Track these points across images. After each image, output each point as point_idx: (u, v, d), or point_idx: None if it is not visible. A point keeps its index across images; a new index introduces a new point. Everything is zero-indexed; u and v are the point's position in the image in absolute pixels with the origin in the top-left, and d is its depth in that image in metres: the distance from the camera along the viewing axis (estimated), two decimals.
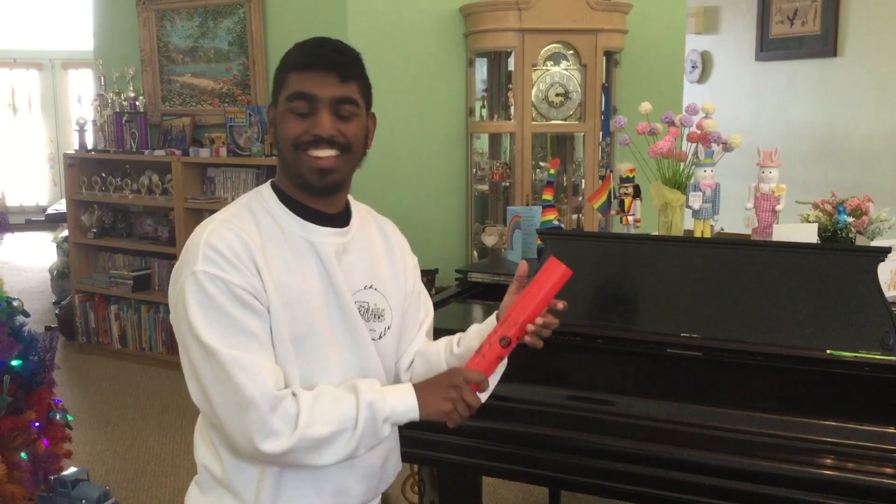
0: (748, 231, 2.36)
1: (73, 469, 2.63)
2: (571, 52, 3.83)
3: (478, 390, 1.35)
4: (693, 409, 1.77)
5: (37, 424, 2.57)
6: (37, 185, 10.52)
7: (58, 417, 2.65)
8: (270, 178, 1.51)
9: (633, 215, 2.36)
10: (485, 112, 4.12)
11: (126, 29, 4.91)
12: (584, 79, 3.82)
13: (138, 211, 5.08)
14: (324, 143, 1.36)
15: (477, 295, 2.47)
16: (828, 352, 1.74)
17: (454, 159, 4.14)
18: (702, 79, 6.22)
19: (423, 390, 1.36)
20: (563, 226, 2.72)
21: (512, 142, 3.89)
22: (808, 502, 1.63)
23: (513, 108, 3.84)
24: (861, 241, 2.35)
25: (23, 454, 2.51)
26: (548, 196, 2.59)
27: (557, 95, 3.82)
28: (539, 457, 1.84)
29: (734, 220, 2.64)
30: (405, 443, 1.63)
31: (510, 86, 3.87)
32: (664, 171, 2.41)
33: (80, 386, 4.55)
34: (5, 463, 2.44)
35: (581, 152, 3.98)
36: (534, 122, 3.82)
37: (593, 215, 3.70)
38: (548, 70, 3.82)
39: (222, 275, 1.30)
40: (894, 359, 1.70)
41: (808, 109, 5.35)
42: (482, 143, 4.14)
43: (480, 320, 1.54)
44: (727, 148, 2.31)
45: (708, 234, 2.29)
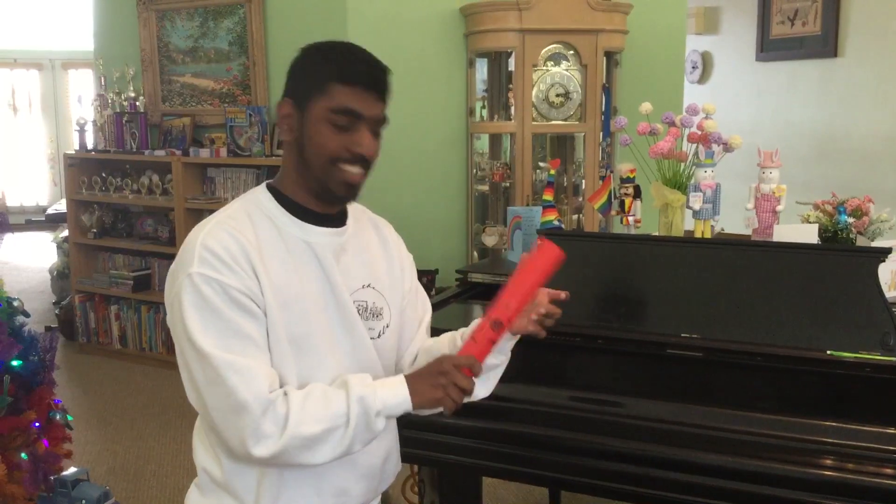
0: (748, 232, 2.36)
1: (73, 469, 2.63)
2: (572, 52, 3.83)
3: (471, 375, 1.33)
4: (693, 409, 1.77)
5: (37, 424, 2.57)
6: (37, 185, 10.52)
7: (58, 418, 2.65)
8: (271, 178, 1.51)
9: (633, 216, 2.36)
10: (485, 112, 4.12)
11: (126, 29, 4.91)
12: (585, 79, 3.82)
13: (138, 211, 5.08)
14: (360, 161, 1.37)
15: (477, 295, 2.47)
16: (828, 352, 1.74)
17: (454, 159, 4.14)
18: (702, 79, 6.22)
19: (414, 380, 1.34)
20: (563, 226, 2.72)
21: (512, 142, 3.89)
22: (808, 503, 1.63)
23: (513, 109, 3.84)
24: (861, 241, 2.35)
25: (23, 454, 2.51)
26: (548, 196, 2.58)
27: (558, 96, 3.82)
28: (539, 457, 1.84)
29: (735, 220, 2.64)
30: (405, 443, 1.63)
31: (510, 86, 3.87)
32: (664, 171, 2.41)
33: (80, 386, 4.55)
34: (5, 463, 2.44)
35: (581, 153, 3.98)
36: (534, 123, 3.82)
37: (594, 216, 3.69)
38: (548, 70, 3.82)
39: (218, 277, 1.29)
40: (895, 359, 1.70)
41: (808, 110, 5.35)
42: (482, 144, 4.14)
43: None
44: (727, 148, 2.31)
45: (708, 235, 2.29)
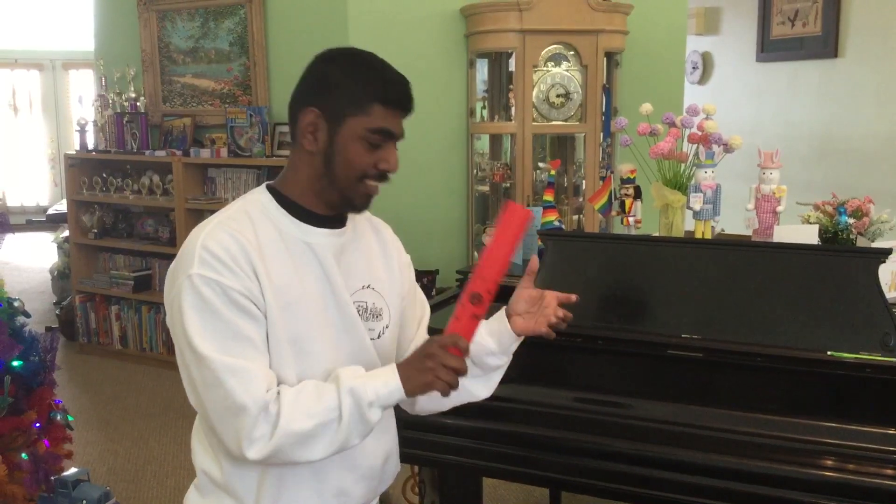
0: (749, 232, 2.36)
1: (73, 469, 2.63)
2: (572, 52, 3.83)
3: (459, 353, 1.31)
4: (694, 410, 1.78)
5: (37, 425, 2.58)
6: (37, 185, 10.52)
7: (58, 418, 2.65)
8: (271, 178, 1.51)
9: (633, 216, 2.36)
10: (485, 113, 4.12)
11: (127, 29, 4.91)
12: (585, 80, 3.82)
13: (139, 211, 5.08)
14: (385, 177, 1.42)
15: None
16: (828, 353, 1.74)
17: (455, 160, 4.14)
18: (702, 80, 6.22)
19: (404, 367, 1.34)
20: (563, 227, 2.72)
21: (513, 142, 3.89)
22: (807, 503, 1.63)
23: (513, 109, 3.84)
24: (862, 242, 2.35)
25: (23, 455, 2.51)
26: (548, 197, 2.58)
27: (558, 96, 3.82)
28: (540, 458, 1.84)
29: (735, 221, 2.64)
30: (405, 444, 1.63)
31: (511, 86, 3.87)
32: (665, 172, 2.41)
33: (80, 386, 4.55)
34: (6, 463, 2.44)
35: (582, 153, 3.98)
36: (534, 123, 3.82)
37: (594, 216, 3.69)
38: (548, 71, 3.82)
39: (218, 278, 1.29)
40: (895, 360, 1.70)
41: (808, 110, 5.35)
42: (483, 144, 4.14)
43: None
44: (728, 149, 2.31)
45: (709, 236, 2.29)
